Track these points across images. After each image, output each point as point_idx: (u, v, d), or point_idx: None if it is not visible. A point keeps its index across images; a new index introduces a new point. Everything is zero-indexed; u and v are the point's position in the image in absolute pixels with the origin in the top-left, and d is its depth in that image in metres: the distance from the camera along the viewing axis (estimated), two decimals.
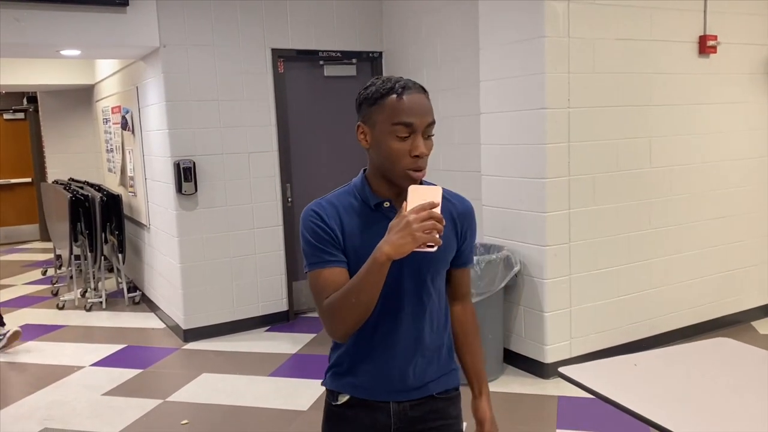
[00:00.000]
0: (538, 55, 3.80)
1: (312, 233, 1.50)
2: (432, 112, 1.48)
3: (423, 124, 1.45)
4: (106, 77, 6.84)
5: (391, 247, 1.34)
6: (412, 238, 1.31)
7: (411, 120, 1.44)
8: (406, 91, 1.46)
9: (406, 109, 1.44)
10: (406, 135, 1.45)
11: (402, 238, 1.32)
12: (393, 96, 1.45)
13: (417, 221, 1.31)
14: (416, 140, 1.45)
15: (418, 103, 1.46)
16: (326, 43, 5.39)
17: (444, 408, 1.62)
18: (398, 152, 1.45)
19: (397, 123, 1.44)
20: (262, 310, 5.32)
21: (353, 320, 1.44)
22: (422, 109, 1.46)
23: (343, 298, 1.43)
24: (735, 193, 4.72)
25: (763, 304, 4.97)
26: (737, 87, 4.65)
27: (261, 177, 5.21)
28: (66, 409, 3.93)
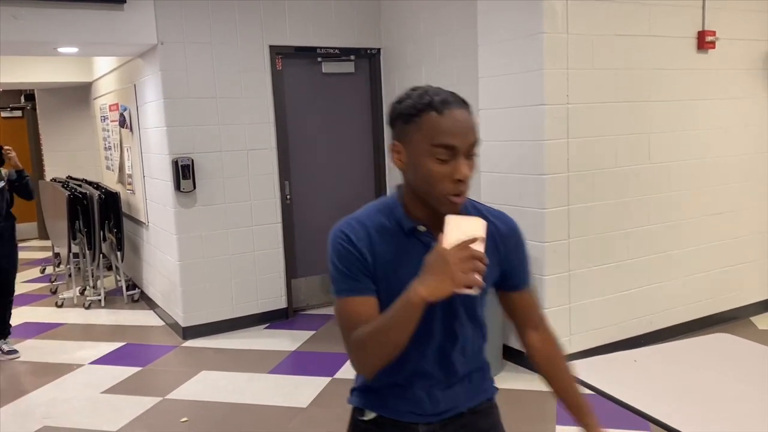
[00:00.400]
0: (537, 51, 3.80)
1: (340, 257, 1.38)
2: (476, 129, 1.33)
3: (466, 145, 1.31)
4: (104, 75, 6.82)
5: (427, 290, 1.21)
6: (451, 281, 1.19)
7: (453, 142, 1.29)
8: (446, 107, 1.30)
9: (448, 128, 1.29)
10: (446, 157, 1.30)
11: (440, 280, 1.20)
12: (432, 113, 1.30)
13: (457, 261, 1.18)
14: (458, 162, 1.30)
15: (461, 121, 1.31)
16: (324, 40, 5.38)
17: (474, 421, 1.52)
18: (438, 176, 1.30)
19: (438, 145, 1.29)
20: (261, 308, 5.32)
21: (382, 359, 1.33)
22: (465, 128, 1.31)
23: (372, 336, 1.31)
24: (733, 189, 4.73)
25: (761, 299, 4.97)
26: (735, 83, 4.65)
27: (259, 174, 5.20)
28: (65, 407, 3.93)
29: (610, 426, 3.32)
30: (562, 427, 3.38)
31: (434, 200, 1.34)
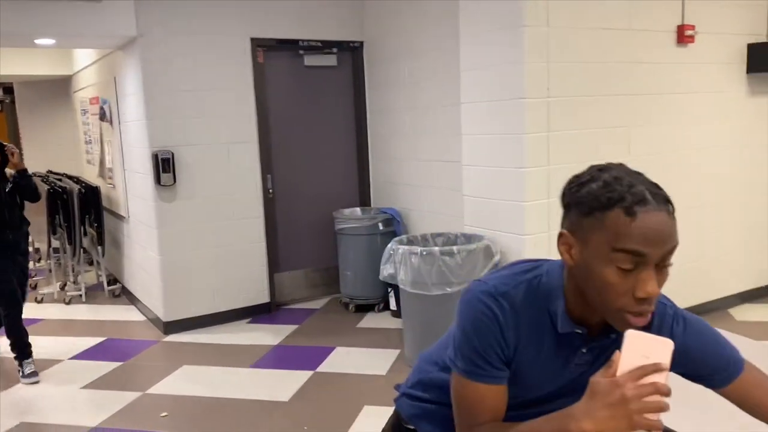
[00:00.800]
0: (518, 44, 3.80)
1: (479, 333, 1.18)
2: (675, 234, 1.07)
3: (659, 255, 1.05)
4: (84, 68, 6.75)
5: (594, 426, 0.98)
6: (628, 422, 0.96)
7: (644, 249, 1.03)
8: (641, 207, 1.04)
9: (640, 233, 1.03)
10: (631, 267, 1.05)
11: (614, 417, 0.96)
12: (621, 213, 1.05)
13: (637, 398, 0.95)
14: (644, 275, 1.04)
15: (659, 224, 1.04)
16: (306, 33, 5.36)
17: None
18: (616, 289, 1.06)
19: (622, 250, 1.04)
20: (243, 302, 5.30)
21: None
22: (663, 235, 1.04)
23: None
24: (712, 182, 4.77)
25: (739, 291, 5.03)
26: (714, 76, 4.69)
27: (241, 168, 5.17)
28: (44, 403, 3.89)
29: None
30: None
31: (607, 314, 1.10)
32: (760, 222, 5.09)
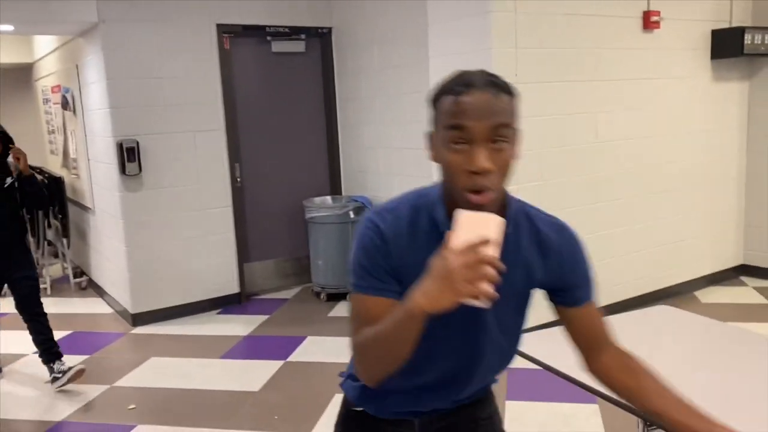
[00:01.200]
0: (485, 30, 3.79)
1: (365, 251, 1.23)
2: (504, 112, 1.13)
3: (482, 129, 1.11)
4: (45, 55, 6.57)
5: (426, 300, 1.06)
6: (453, 292, 1.02)
7: (464, 123, 1.12)
8: (465, 89, 1.13)
9: (462, 109, 1.12)
10: (460, 142, 1.13)
11: (441, 289, 1.03)
12: (449, 96, 1.15)
13: (461, 268, 1.01)
14: (474, 150, 1.12)
15: (481, 101, 1.12)
16: (274, 19, 5.28)
17: (472, 412, 1.45)
18: (453, 167, 1.14)
19: (448, 127, 1.14)
20: (212, 293, 5.24)
21: (381, 371, 1.22)
22: (483, 110, 1.12)
23: (371, 345, 1.20)
24: (677, 167, 4.84)
25: (704, 274, 5.13)
26: (680, 62, 4.74)
27: (208, 157, 5.09)
28: (9, 399, 3.81)
29: (558, 400, 3.39)
30: (512, 402, 3.43)
31: (457, 199, 1.16)
32: (725, 206, 5.18)
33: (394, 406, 1.39)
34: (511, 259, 1.22)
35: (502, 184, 1.17)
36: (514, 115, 1.17)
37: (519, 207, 1.29)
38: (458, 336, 1.29)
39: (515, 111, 1.18)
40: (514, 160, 1.18)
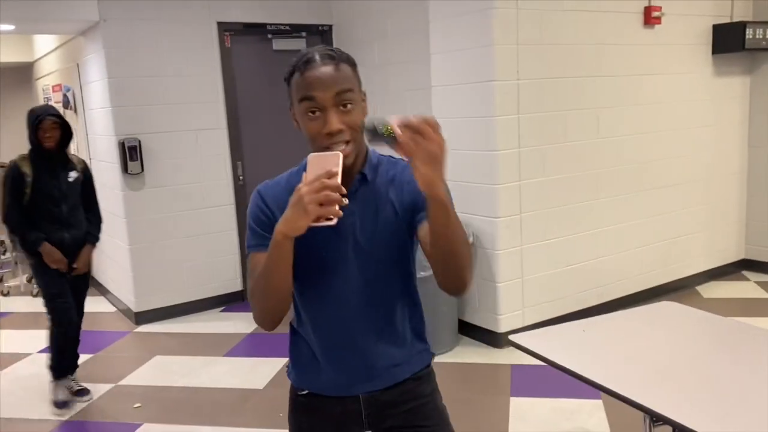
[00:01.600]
0: (487, 26, 3.79)
1: (252, 215, 1.45)
2: (344, 79, 1.34)
3: (329, 97, 1.32)
4: (46, 54, 6.57)
5: (285, 225, 1.25)
6: (304, 212, 1.20)
7: (312, 93, 1.32)
8: (309, 66, 1.33)
9: (308, 83, 1.33)
10: (314, 110, 1.33)
11: (294, 213, 1.22)
12: (297, 73, 1.36)
13: (309, 193, 1.20)
14: (326, 116, 1.32)
15: (323, 73, 1.32)
16: (274, 16, 5.28)
17: (415, 388, 1.54)
18: (312, 132, 1.35)
19: (301, 99, 1.35)
20: (215, 291, 5.25)
21: (268, 305, 1.39)
22: (326, 80, 1.32)
23: (256, 283, 1.38)
24: (679, 162, 4.84)
25: (706, 269, 5.13)
26: (681, 57, 4.74)
27: (210, 155, 5.10)
28: (14, 398, 3.82)
29: (562, 396, 3.40)
30: (517, 398, 3.44)
31: None
32: (726, 201, 5.19)
33: (329, 376, 1.50)
34: (372, 197, 1.43)
35: (359, 137, 1.36)
36: (355, 80, 1.37)
37: (378, 158, 1.49)
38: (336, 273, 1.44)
39: (356, 77, 1.38)
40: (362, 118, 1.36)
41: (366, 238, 1.42)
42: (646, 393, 1.79)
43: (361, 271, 1.44)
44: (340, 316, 1.46)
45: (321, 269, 1.44)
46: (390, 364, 1.51)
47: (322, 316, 1.48)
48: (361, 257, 1.43)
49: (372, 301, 1.46)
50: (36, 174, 3.47)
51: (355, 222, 1.42)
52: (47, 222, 3.50)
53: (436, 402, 1.59)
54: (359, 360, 1.48)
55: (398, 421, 1.52)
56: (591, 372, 1.93)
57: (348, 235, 1.42)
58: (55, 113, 3.53)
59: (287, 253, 1.30)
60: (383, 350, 1.49)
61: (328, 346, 1.49)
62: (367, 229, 1.42)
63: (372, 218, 1.43)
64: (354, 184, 1.42)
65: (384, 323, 1.49)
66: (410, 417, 1.53)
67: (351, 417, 1.51)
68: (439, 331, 4.01)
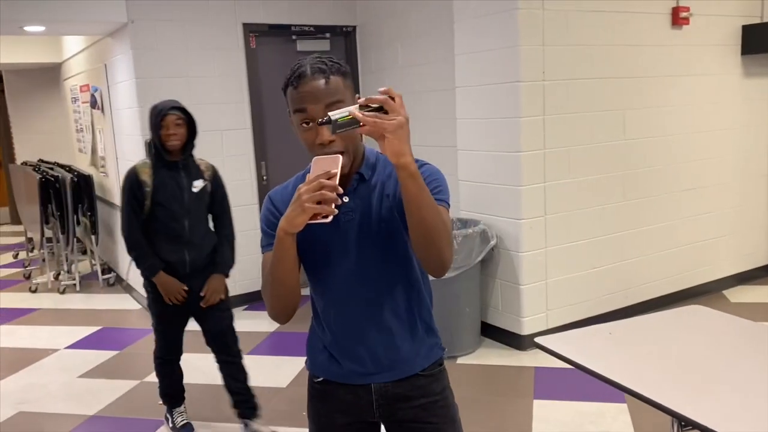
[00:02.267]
0: (512, 27, 3.78)
1: (264, 218, 1.54)
2: (334, 91, 1.39)
3: (319, 109, 1.38)
4: (74, 55, 6.67)
5: (285, 222, 1.33)
6: (302, 210, 1.28)
7: (303, 106, 1.39)
8: (300, 80, 1.40)
9: (300, 96, 1.39)
10: (307, 123, 1.40)
11: (293, 211, 1.30)
12: (290, 87, 1.42)
13: (307, 192, 1.28)
14: (317, 127, 1.39)
15: (313, 87, 1.39)
16: (299, 18, 5.31)
17: (426, 385, 1.59)
18: (306, 142, 1.42)
19: (295, 111, 1.42)
20: (239, 289, 5.28)
21: (276, 299, 1.47)
22: (316, 94, 1.38)
23: (265, 278, 1.47)
24: (707, 165, 4.77)
25: (734, 273, 5.06)
26: (709, 59, 4.68)
27: (235, 155, 5.14)
28: (41, 393, 3.88)
29: (586, 399, 3.37)
30: (540, 401, 3.42)
31: None
32: (754, 203, 5.11)
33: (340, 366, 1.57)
34: (370, 194, 1.50)
35: (352, 145, 1.43)
36: (347, 90, 1.43)
37: (376, 156, 1.55)
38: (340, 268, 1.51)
39: (348, 87, 1.43)
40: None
41: (366, 233, 1.49)
42: (676, 397, 1.77)
43: (364, 265, 1.50)
44: (347, 309, 1.54)
45: (326, 264, 1.52)
46: (399, 357, 1.56)
47: (330, 309, 1.56)
48: (364, 252, 1.50)
49: (377, 294, 1.52)
50: (156, 183, 2.94)
51: (354, 218, 1.49)
52: (165, 240, 3.01)
53: (447, 400, 1.63)
54: (368, 351, 1.54)
55: (408, 415, 1.57)
56: (618, 375, 1.91)
57: (350, 231, 1.49)
58: (180, 107, 2.96)
59: (289, 248, 1.37)
60: (391, 342, 1.54)
61: (338, 337, 1.56)
62: (366, 224, 1.49)
63: (371, 214, 1.49)
64: (352, 183, 1.50)
65: (390, 315, 1.53)
66: (420, 413, 1.57)
67: (363, 406, 1.58)
68: (461, 333, 4.00)
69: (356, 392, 1.57)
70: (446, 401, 1.62)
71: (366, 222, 1.49)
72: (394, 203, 1.48)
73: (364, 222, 1.49)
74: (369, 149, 1.54)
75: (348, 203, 1.49)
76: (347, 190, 1.49)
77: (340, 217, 1.45)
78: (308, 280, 1.57)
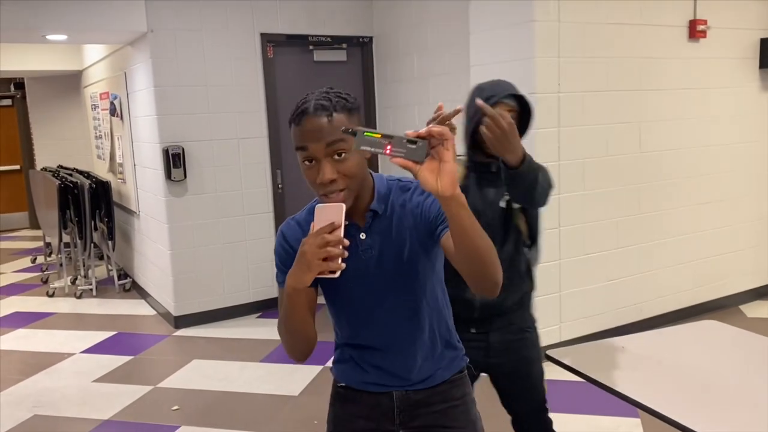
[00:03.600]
0: (528, 39, 3.79)
1: (277, 253, 1.54)
2: (336, 129, 1.34)
3: (320, 148, 1.36)
4: (94, 63, 6.77)
5: (292, 279, 1.32)
6: (308, 268, 1.27)
7: (304, 144, 1.38)
8: (303, 118, 1.38)
9: (301, 134, 1.39)
10: (309, 161, 1.39)
11: (299, 269, 1.29)
12: (293, 125, 1.42)
13: (311, 248, 1.26)
14: (319, 166, 1.37)
15: (314, 125, 1.37)
16: (316, 28, 5.36)
17: (447, 390, 1.61)
18: (308, 179, 1.41)
19: (297, 149, 1.41)
20: (253, 297, 5.31)
21: (291, 345, 1.48)
22: (317, 133, 1.36)
23: (279, 325, 1.48)
24: (723, 178, 4.74)
25: (750, 288, 5.00)
26: (726, 72, 4.65)
27: (251, 163, 5.19)
28: (56, 396, 3.92)
29: (599, 413, 3.35)
30: (551, 414, 3.39)
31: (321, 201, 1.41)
32: None
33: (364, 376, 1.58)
34: (386, 228, 1.48)
35: (355, 183, 1.41)
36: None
37: (386, 189, 1.51)
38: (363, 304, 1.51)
39: (352, 123, 1.38)
40: (361, 164, 1.41)
41: (386, 266, 1.48)
42: (690, 413, 1.76)
43: (384, 296, 1.51)
44: (366, 335, 1.56)
45: (349, 301, 1.53)
46: (420, 375, 1.58)
47: (354, 332, 1.58)
48: (384, 284, 1.50)
49: (397, 321, 1.53)
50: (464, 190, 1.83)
51: (373, 254, 1.49)
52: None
53: (468, 406, 1.64)
54: (391, 374, 1.57)
55: (428, 420, 1.59)
56: (631, 390, 1.91)
57: (369, 265, 1.49)
58: (515, 92, 2.16)
59: (300, 302, 1.38)
60: (412, 363, 1.56)
61: (364, 353, 1.58)
62: (386, 259, 1.49)
63: (390, 248, 1.49)
64: (367, 221, 1.49)
65: (410, 340, 1.54)
66: (440, 417, 1.59)
67: (384, 412, 1.59)
68: None
69: (378, 399, 1.59)
70: (466, 406, 1.64)
71: (385, 256, 1.49)
72: (416, 234, 1.47)
73: (384, 257, 1.49)
74: (378, 179, 1.52)
75: (366, 240, 1.49)
76: (363, 228, 1.49)
77: (359, 254, 1.47)
78: (327, 305, 1.58)
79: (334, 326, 1.63)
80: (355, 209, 1.47)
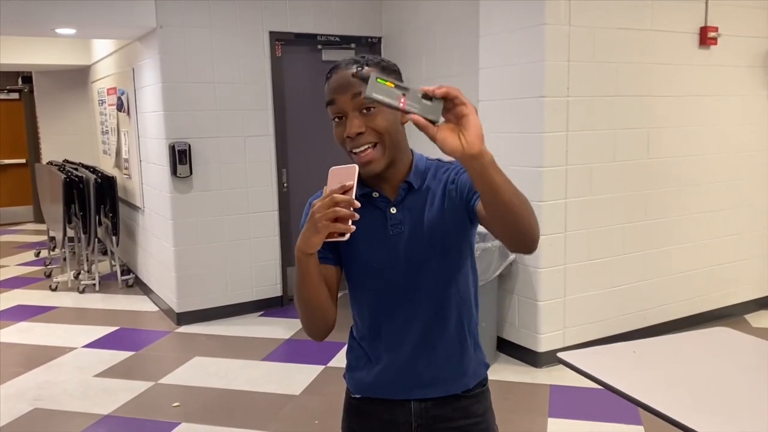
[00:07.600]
0: (538, 43, 3.77)
1: (303, 225, 1.43)
2: (361, 84, 1.28)
3: (347, 99, 1.32)
4: (102, 58, 6.78)
5: (301, 242, 1.26)
6: (315, 230, 1.21)
7: (331, 97, 1.35)
8: (333, 72, 1.36)
9: (331, 88, 1.36)
10: (337, 117, 1.36)
11: (308, 230, 1.23)
12: (326, 84, 1.38)
13: (319, 210, 1.20)
14: (347, 120, 1.33)
15: (342, 77, 1.34)
16: (325, 27, 5.35)
17: (468, 406, 1.50)
18: (338, 137, 1.37)
19: (327, 104, 1.37)
20: (256, 295, 5.30)
21: (307, 318, 1.40)
22: (344, 84, 1.33)
23: (295, 297, 1.40)
24: (731, 186, 4.72)
25: (756, 297, 4.97)
26: (736, 79, 4.63)
27: (256, 161, 5.18)
28: (57, 390, 3.92)
29: (602, 419, 3.33)
30: (554, 420, 3.38)
31: (352, 161, 1.35)
32: None
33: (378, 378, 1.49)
34: (419, 204, 1.41)
35: (387, 141, 1.34)
36: None
37: (426, 164, 1.46)
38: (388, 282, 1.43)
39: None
40: (393, 122, 1.34)
41: (417, 246, 1.40)
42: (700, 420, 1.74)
43: (413, 279, 1.42)
44: (391, 323, 1.46)
45: (371, 277, 1.45)
46: (444, 375, 1.48)
47: (373, 322, 1.48)
48: (413, 266, 1.42)
49: (425, 309, 1.44)
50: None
51: (403, 231, 1.41)
52: None
53: (488, 422, 1.55)
54: (410, 367, 1.47)
55: None
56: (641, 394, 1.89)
57: (398, 244, 1.41)
58: None
59: (311, 268, 1.31)
60: (437, 359, 1.47)
61: (382, 348, 1.48)
62: (417, 238, 1.40)
63: (422, 226, 1.41)
64: (399, 193, 1.42)
65: (439, 331, 1.45)
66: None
67: (401, 426, 1.49)
68: None
69: (394, 411, 1.49)
70: (487, 423, 1.54)
71: (416, 235, 1.40)
72: (451, 211, 1.39)
73: (414, 235, 1.40)
74: (419, 156, 1.46)
75: (395, 215, 1.41)
76: (395, 201, 1.41)
77: (388, 229, 1.41)
78: (349, 291, 1.49)
79: (353, 316, 1.54)
80: (388, 181, 1.40)
